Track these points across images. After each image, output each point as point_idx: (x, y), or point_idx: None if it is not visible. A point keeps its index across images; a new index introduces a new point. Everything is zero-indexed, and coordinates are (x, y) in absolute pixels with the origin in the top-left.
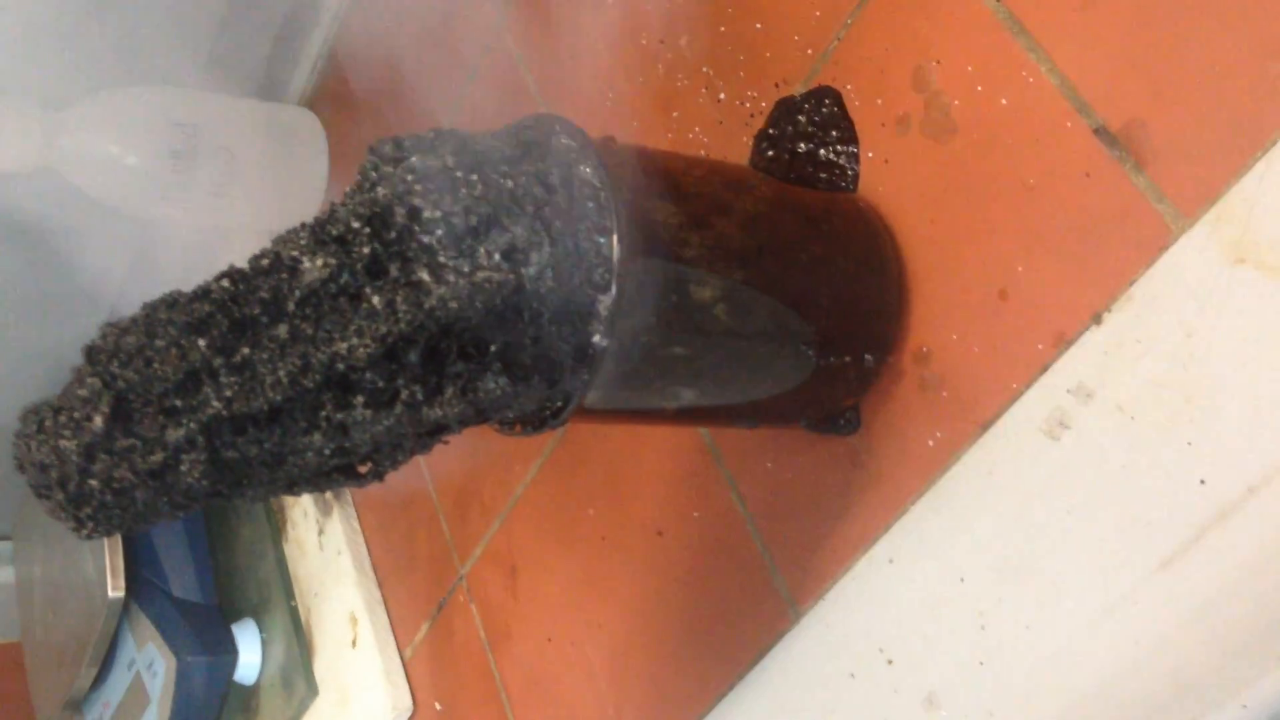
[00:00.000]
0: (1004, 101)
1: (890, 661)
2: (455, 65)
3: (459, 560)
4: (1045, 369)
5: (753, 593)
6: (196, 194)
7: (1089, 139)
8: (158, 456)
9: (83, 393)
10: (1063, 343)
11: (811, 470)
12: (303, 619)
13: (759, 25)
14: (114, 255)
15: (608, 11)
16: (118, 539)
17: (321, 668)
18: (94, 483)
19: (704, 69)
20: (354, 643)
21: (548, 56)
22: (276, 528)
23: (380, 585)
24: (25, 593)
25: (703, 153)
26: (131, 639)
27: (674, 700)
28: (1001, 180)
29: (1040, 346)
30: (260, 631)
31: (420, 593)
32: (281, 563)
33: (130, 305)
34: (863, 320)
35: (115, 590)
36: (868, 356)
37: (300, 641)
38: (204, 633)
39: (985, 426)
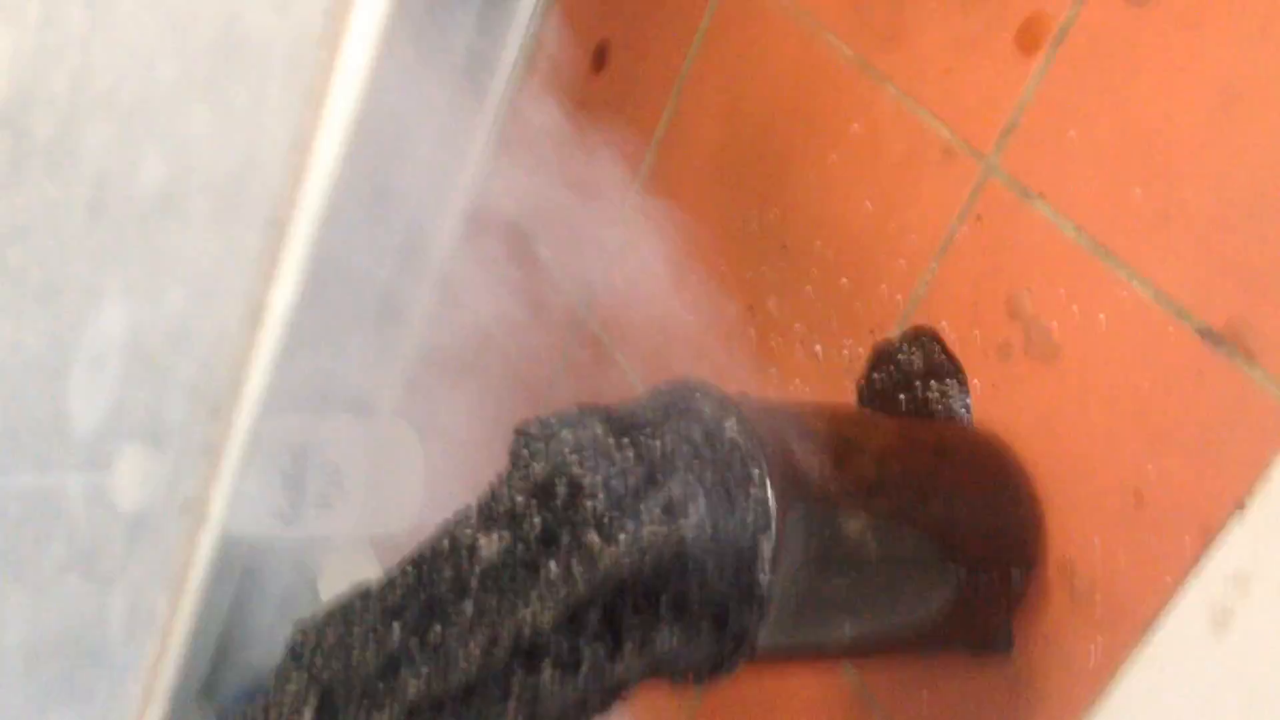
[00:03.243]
0: (1102, 317)
1: None
2: (545, 358)
3: None
4: (1197, 562)
5: None
6: (304, 510)
7: (1194, 341)
8: None
9: (292, 688)
10: (1209, 534)
11: (970, 697)
12: None
13: (845, 280)
14: (221, 581)
15: (690, 290)
16: None
17: None
18: None
19: (795, 325)
20: None
21: (634, 335)
22: None
23: None
24: None
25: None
26: None
27: None
28: (1115, 390)
29: (1187, 540)
30: None
31: None
32: None
33: (236, 629)
34: (1002, 537)
35: None
36: (1014, 572)
37: None
38: None
39: (1146, 628)
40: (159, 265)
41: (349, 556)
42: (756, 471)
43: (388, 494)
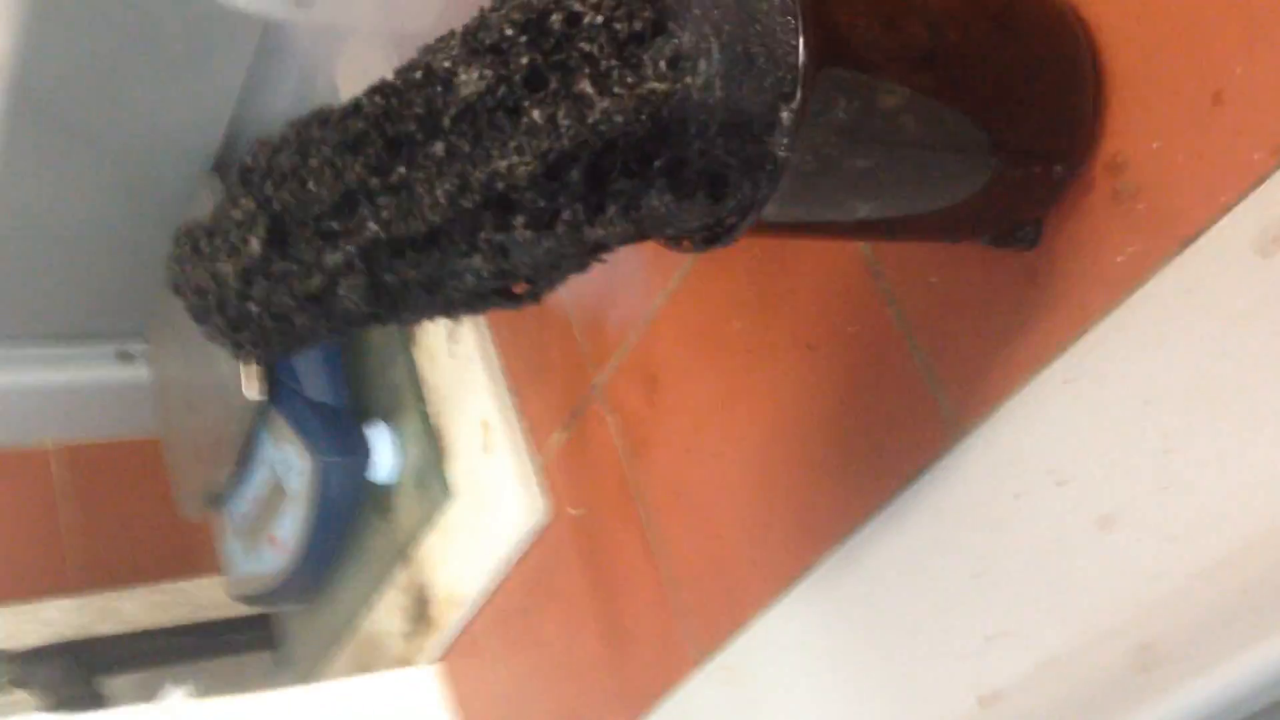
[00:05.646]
0: None
1: (1061, 483)
2: None
3: (596, 370)
4: (1262, 180)
5: (911, 411)
6: None
7: None
8: (316, 281)
9: (237, 215)
10: None
11: (983, 287)
12: (434, 424)
13: None
14: (234, 58)
15: None
16: None
17: (455, 471)
18: (253, 307)
19: None
20: (487, 448)
21: None
22: (406, 334)
23: (514, 393)
24: (163, 393)
25: None
26: (269, 440)
27: (822, 515)
28: None
29: (1257, 156)
30: (393, 435)
31: (554, 402)
32: (412, 369)
33: (250, 110)
34: (1053, 129)
35: (252, 393)
36: (1057, 167)
37: (432, 445)
38: (339, 434)
39: (1186, 242)
40: None
41: (368, 50)
42: (790, 23)
43: None
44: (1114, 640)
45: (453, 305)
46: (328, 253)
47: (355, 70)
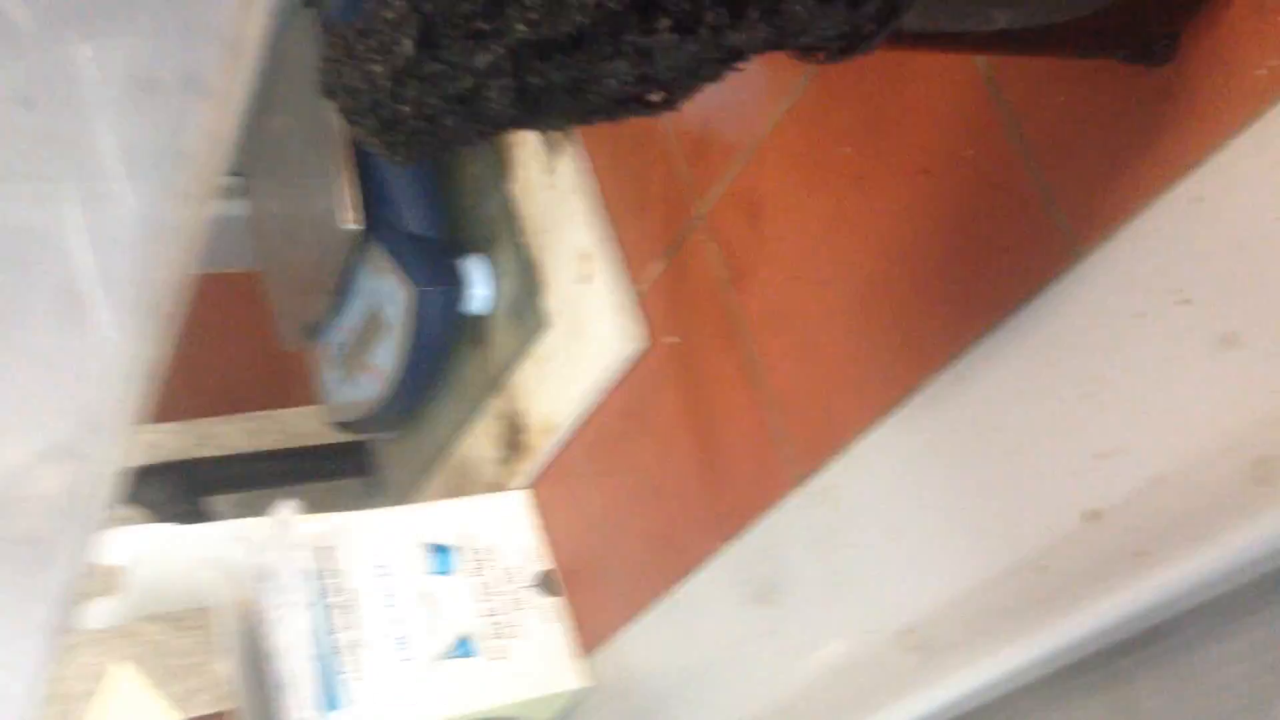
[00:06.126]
0: None
1: (1187, 301)
2: None
3: (697, 199)
4: None
5: (1029, 231)
6: None
7: None
8: (467, 82)
9: (389, 15)
10: None
11: (1111, 104)
12: (533, 256)
13: None
14: None
15: None
16: (352, 173)
17: (552, 301)
18: (405, 108)
19: None
20: (583, 279)
21: None
22: (503, 166)
23: (612, 224)
24: (261, 225)
25: None
26: (367, 270)
27: (929, 338)
28: None
29: None
30: (489, 266)
31: (654, 232)
32: (508, 202)
33: None
34: None
35: (350, 223)
36: None
37: (529, 276)
38: (436, 265)
39: None
40: None
41: None
42: None
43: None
44: (1230, 455)
45: (592, 111)
46: (477, 54)
47: None
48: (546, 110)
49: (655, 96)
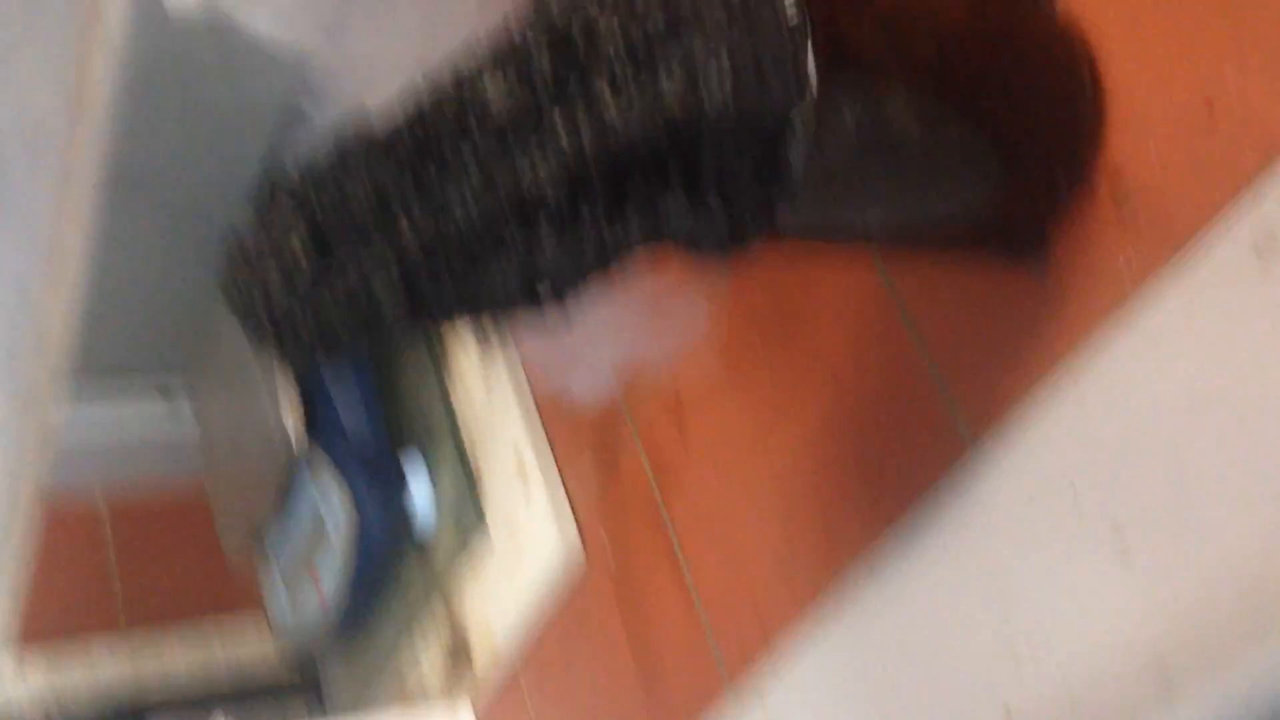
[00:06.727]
0: None
1: (1072, 487)
2: None
3: (623, 398)
4: (1253, 182)
5: (927, 424)
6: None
7: None
8: (353, 279)
9: (279, 217)
10: (1273, 155)
11: (991, 296)
12: (471, 458)
13: None
14: (269, 95)
15: None
16: (293, 386)
17: (489, 504)
18: (295, 305)
19: None
20: (521, 480)
21: None
22: (439, 363)
23: (544, 425)
24: (204, 431)
25: None
26: (310, 477)
27: (840, 536)
28: None
29: (1248, 158)
30: (427, 462)
31: (585, 429)
32: (445, 397)
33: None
34: (1056, 140)
35: (297, 438)
36: (1060, 176)
37: (469, 479)
38: (378, 469)
39: (1185, 246)
40: None
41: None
42: (798, 33)
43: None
44: (1132, 654)
45: (481, 306)
46: (364, 252)
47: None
48: (436, 306)
49: (542, 288)
